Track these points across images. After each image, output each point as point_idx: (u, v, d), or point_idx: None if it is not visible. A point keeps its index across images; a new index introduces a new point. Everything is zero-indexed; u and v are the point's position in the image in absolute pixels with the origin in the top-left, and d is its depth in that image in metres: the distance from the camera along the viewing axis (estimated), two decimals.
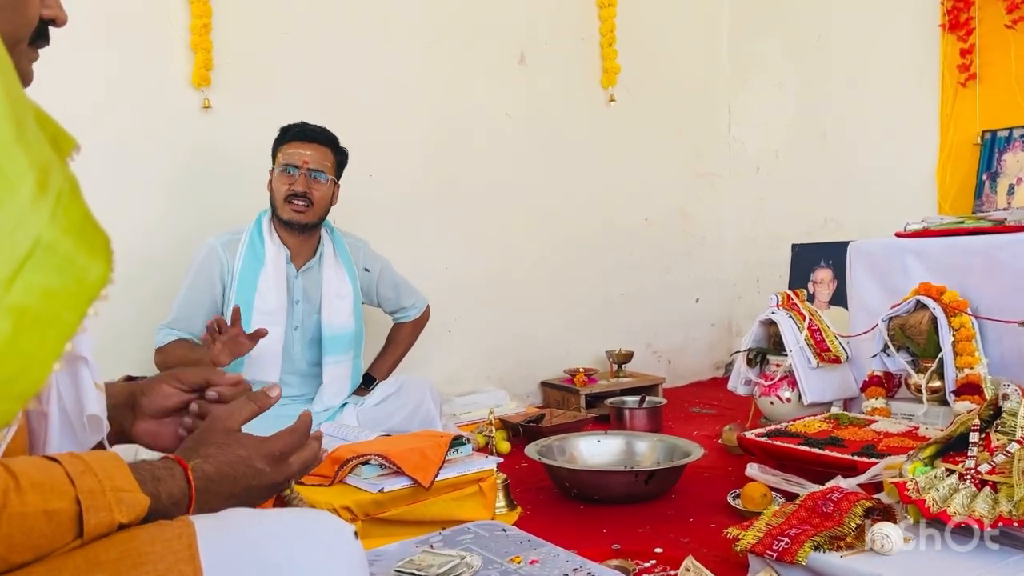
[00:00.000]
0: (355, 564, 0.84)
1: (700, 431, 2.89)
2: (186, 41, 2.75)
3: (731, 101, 4.11)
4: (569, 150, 3.62)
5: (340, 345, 2.47)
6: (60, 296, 0.50)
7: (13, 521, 0.68)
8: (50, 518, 0.71)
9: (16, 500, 0.68)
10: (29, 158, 0.50)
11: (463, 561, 1.33)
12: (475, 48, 3.37)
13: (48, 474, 0.73)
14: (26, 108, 0.54)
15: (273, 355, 2.35)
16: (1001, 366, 2.29)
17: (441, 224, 3.30)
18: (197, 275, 2.37)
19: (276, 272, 2.38)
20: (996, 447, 1.52)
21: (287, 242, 2.43)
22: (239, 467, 0.93)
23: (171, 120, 2.73)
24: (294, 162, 2.37)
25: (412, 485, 1.83)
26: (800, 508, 1.59)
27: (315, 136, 2.41)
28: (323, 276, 2.47)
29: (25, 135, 0.50)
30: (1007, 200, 2.95)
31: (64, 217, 0.51)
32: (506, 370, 3.45)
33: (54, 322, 0.49)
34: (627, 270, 3.80)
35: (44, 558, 0.71)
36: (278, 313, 2.36)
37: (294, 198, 2.37)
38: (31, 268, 0.48)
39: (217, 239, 2.40)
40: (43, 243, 0.49)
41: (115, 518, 0.76)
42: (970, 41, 3.11)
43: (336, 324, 2.46)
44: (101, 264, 0.53)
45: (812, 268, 3.50)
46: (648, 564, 1.68)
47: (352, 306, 2.50)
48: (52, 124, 0.58)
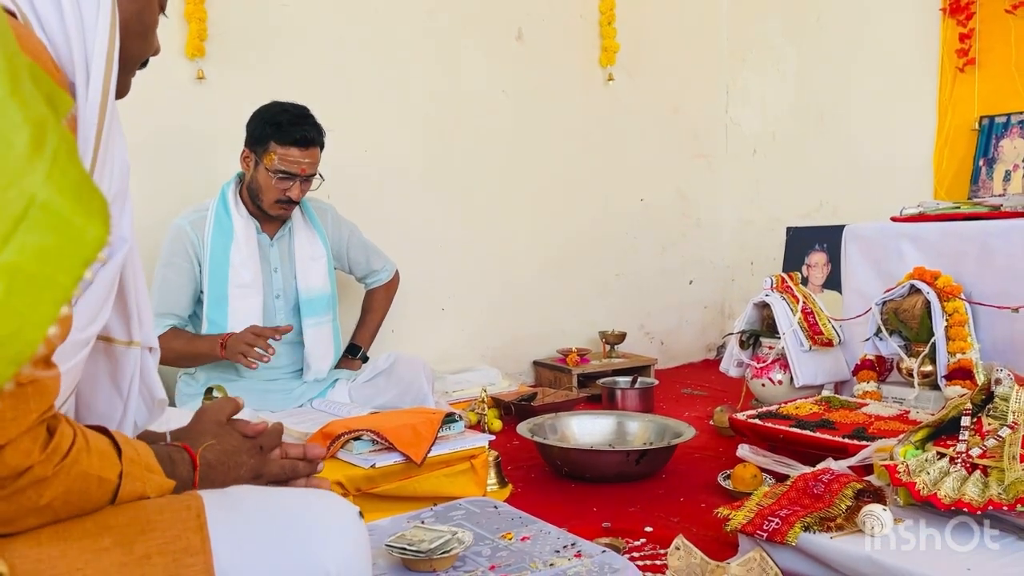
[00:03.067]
0: (359, 543, 0.86)
1: (692, 412, 2.90)
2: (180, 10, 2.71)
3: (729, 82, 4.08)
4: (566, 129, 3.60)
5: (318, 307, 2.47)
6: (55, 257, 0.49)
7: (77, 479, 0.72)
8: (101, 485, 0.74)
9: (86, 460, 0.72)
10: (24, 113, 0.48)
11: (454, 537, 1.33)
12: (472, 23, 3.34)
13: (104, 443, 0.77)
14: (22, 64, 0.52)
15: (253, 323, 2.32)
16: (993, 352, 2.30)
17: (435, 201, 3.28)
18: (172, 256, 2.34)
19: (248, 244, 2.36)
20: (987, 431, 1.53)
21: (255, 215, 2.41)
22: (233, 457, 0.97)
23: (163, 91, 2.69)
24: (292, 170, 2.29)
25: (404, 461, 1.83)
26: (791, 489, 1.60)
27: (313, 141, 2.32)
28: (295, 242, 2.46)
29: (21, 90, 0.49)
30: (1003, 186, 2.95)
31: (60, 176, 0.49)
32: (499, 349, 3.45)
33: (49, 284, 0.48)
34: (622, 251, 3.79)
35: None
36: (253, 284, 2.35)
37: (288, 203, 2.35)
38: (26, 228, 0.47)
39: (184, 218, 2.36)
40: (38, 202, 0.48)
41: (146, 491, 0.79)
42: (970, 25, 3.09)
43: (313, 287, 2.46)
44: (98, 226, 0.51)
45: (807, 251, 3.50)
46: (638, 542, 1.69)
47: (327, 268, 2.50)
48: (48, 83, 0.57)
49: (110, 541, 0.73)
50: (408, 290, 3.18)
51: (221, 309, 2.32)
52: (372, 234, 2.75)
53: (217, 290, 2.32)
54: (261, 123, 2.32)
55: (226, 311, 2.32)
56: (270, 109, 2.34)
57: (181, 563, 0.75)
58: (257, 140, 2.33)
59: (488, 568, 1.29)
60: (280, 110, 2.33)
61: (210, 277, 2.32)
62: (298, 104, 2.37)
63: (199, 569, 0.75)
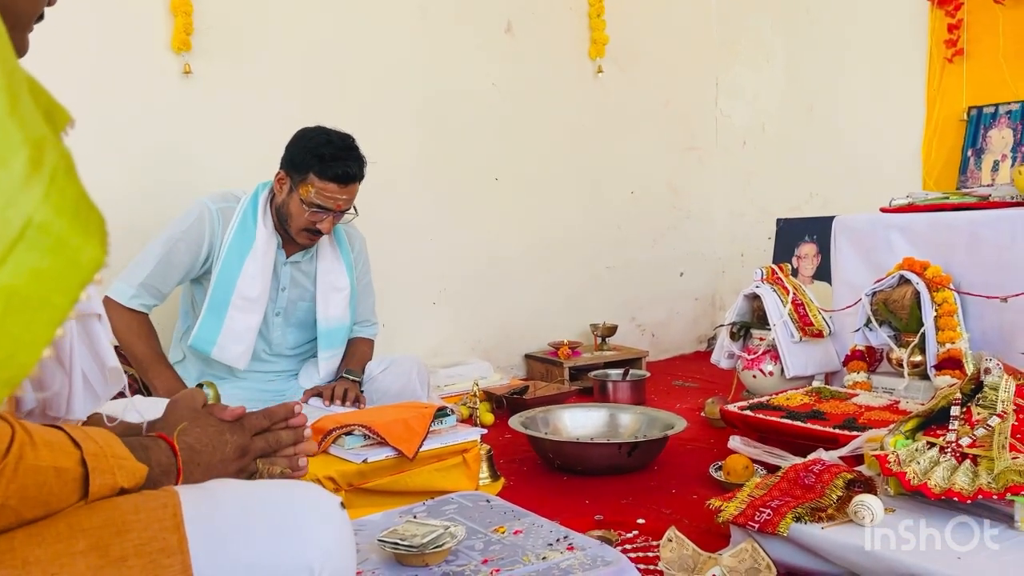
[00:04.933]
0: (342, 535, 0.84)
1: (683, 404, 2.90)
2: (165, 3, 2.69)
3: (719, 74, 4.08)
4: (556, 121, 3.59)
5: (336, 339, 2.40)
6: (51, 278, 0.48)
7: (28, 474, 0.69)
8: (59, 475, 0.72)
9: (31, 454, 0.70)
10: (23, 133, 0.48)
11: (447, 531, 1.33)
12: (461, 15, 3.32)
13: (55, 435, 0.74)
14: (21, 80, 0.51)
15: (245, 345, 2.26)
16: (982, 341, 2.31)
17: (425, 194, 3.27)
18: (186, 232, 2.21)
19: (265, 259, 2.25)
20: (977, 421, 1.53)
21: (279, 231, 2.31)
22: (215, 438, 0.95)
23: (150, 86, 2.67)
24: (328, 205, 2.20)
25: (396, 456, 1.83)
26: (782, 480, 1.60)
27: (355, 177, 2.22)
28: (318, 268, 2.37)
29: (19, 108, 0.49)
30: (991, 176, 2.96)
31: (58, 196, 0.49)
32: (490, 342, 3.45)
33: (44, 305, 0.48)
34: (613, 244, 3.80)
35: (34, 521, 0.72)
36: (259, 301, 2.25)
37: (315, 234, 2.27)
38: (22, 248, 0.46)
39: (213, 202, 2.24)
40: (35, 223, 0.47)
41: (118, 482, 0.77)
42: (958, 16, 3.10)
43: (333, 317, 2.38)
44: (95, 246, 0.51)
45: (796, 243, 3.51)
46: (631, 534, 1.69)
47: (348, 300, 2.41)
48: (46, 97, 0.56)
49: (85, 544, 0.72)
50: (399, 284, 3.17)
51: (217, 318, 2.22)
52: (361, 227, 2.74)
53: (220, 295, 2.22)
54: (303, 151, 2.20)
55: (222, 322, 2.22)
56: (315, 138, 2.21)
57: (158, 564, 0.73)
58: (296, 167, 2.21)
59: (481, 562, 1.29)
60: (325, 140, 2.20)
61: (217, 279, 2.22)
62: (344, 134, 2.25)
63: (177, 570, 0.74)
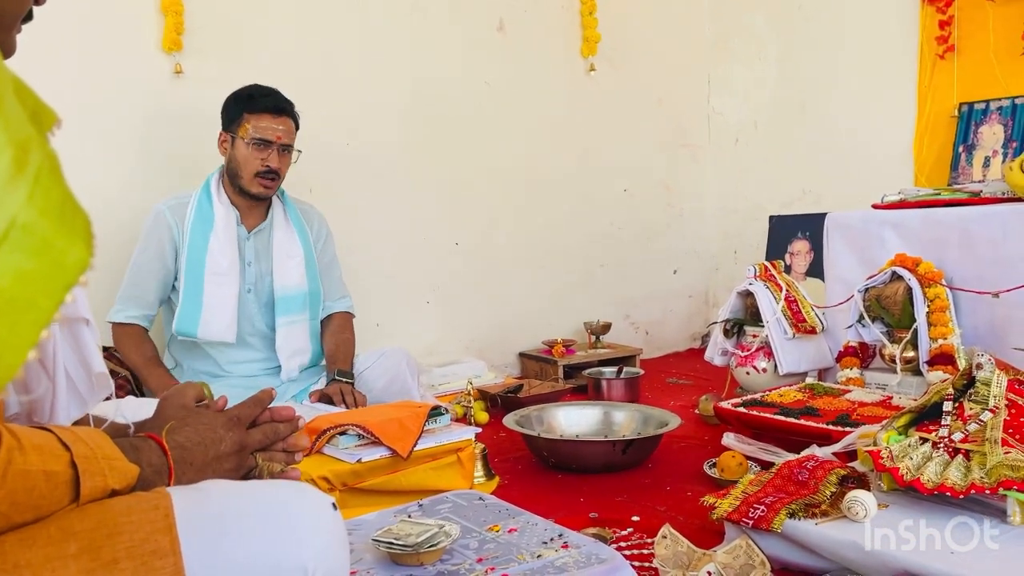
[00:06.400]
0: (335, 535, 0.84)
1: (677, 401, 2.91)
2: (156, 3, 2.68)
3: (711, 72, 4.09)
4: (548, 119, 3.59)
5: (293, 305, 2.45)
6: (36, 280, 0.48)
7: (17, 478, 0.68)
8: (49, 478, 0.71)
9: (20, 459, 0.69)
10: (7, 134, 0.47)
11: (441, 530, 1.32)
12: (453, 13, 3.32)
13: (44, 438, 0.74)
14: (6, 81, 0.51)
15: (228, 316, 2.34)
16: (975, 337, 2.32)
17: (418, 193, 3.27)
18: (147, 240, 2.36)
19: (227, 233, 2.36)
20: (969, 416, 1.54)
21: (237, 204, 2.41)
22: (207, 434, 0.94)
23: (141, 87, 2.66)
24: (267, 137, 2.33)
25: (390, 455, 1.83)
26: (776, 476, 1.60)
27: (286, 109, 2.38)
28: (273, 239, 2.45)
29: (3, 109, 0.48)
30: (983, 172, 2.97)
31: (42, 197, 0.49)
32: (485, 341, 3.45)
33: (29, 307, 0.47)
34: (606, 241, 3.80)
35: (26, 525, 0.71)
36: (230, 274, 2.35)
37: (267, 175, 2.35)
38: (6, 250, 0.46)
39: (164, 204, 2.38)
40: (19, 224, 0.47)
41: (108, 483, 0.76)
42: (949, 13, 3.11)
43: (289, 284, 2.44)
44: (80, 248, 0.51)
45: (789, 240, 3.51)
46: (625, 532, 1.69)
47: (304, 266, 2.48)
48: (33, 98, 0.56)
49: (76, 547, 0.71)
50: (393, 283, 3.17)
51: (196, 296, 2.32)
52: (354, 226, 2.74)
53: (193, 276, 2.33)
54: (232, 101, 2.39)
55: (201, 299, 2.33)
56: (240, 90, 2.41)
57: (150, 567, 0.73)
58: (231, 118, 2.38)
59: (475, 560, 1.29)
60: (250, 87, 2.40)
61: (187, 263, 2.33)
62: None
63: (169, 572, 0.73)
